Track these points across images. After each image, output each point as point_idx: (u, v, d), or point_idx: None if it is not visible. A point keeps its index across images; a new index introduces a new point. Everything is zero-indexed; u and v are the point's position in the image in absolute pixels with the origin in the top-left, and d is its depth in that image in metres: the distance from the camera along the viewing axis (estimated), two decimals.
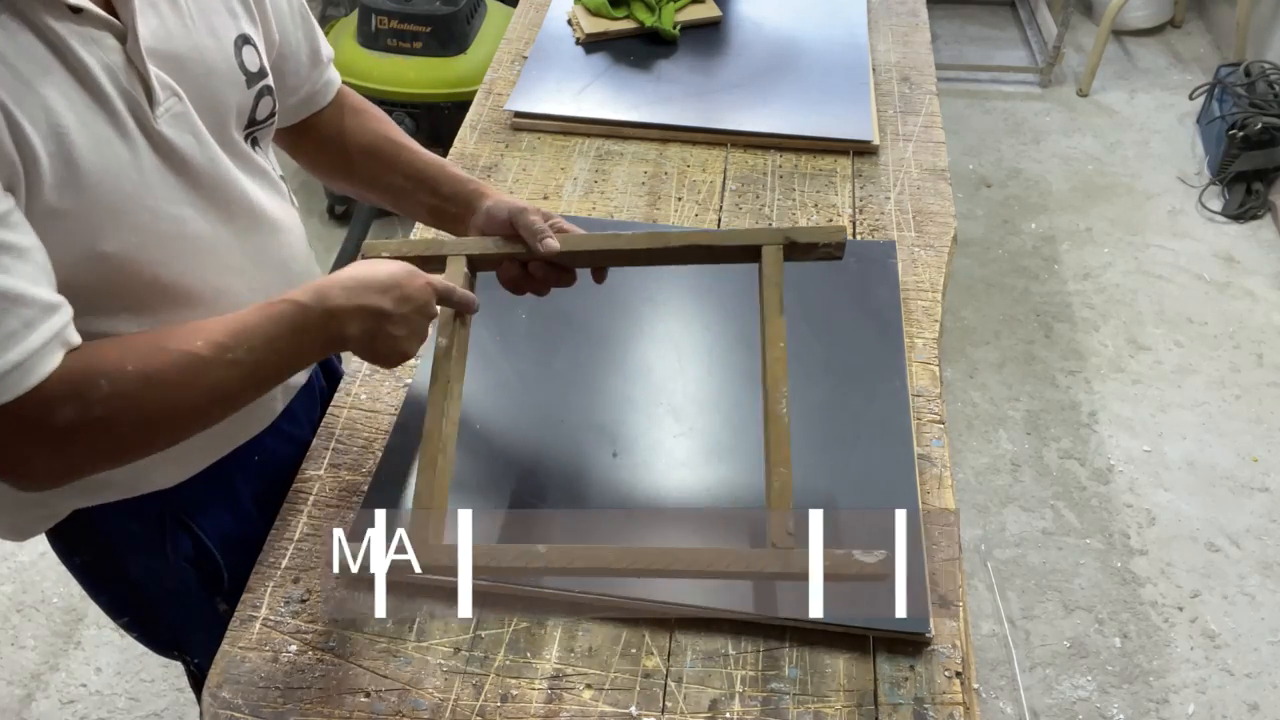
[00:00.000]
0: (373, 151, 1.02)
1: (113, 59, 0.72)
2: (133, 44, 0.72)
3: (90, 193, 0.71)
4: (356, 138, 1.02)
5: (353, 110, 1.03)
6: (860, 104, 1.47)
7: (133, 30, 0.72)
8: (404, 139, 1.03)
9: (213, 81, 0.81)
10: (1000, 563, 1.95)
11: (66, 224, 0.71)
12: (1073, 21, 3.42)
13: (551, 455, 1.00)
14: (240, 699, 0.83)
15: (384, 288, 0.81)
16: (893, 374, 1.07)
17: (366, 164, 1.02)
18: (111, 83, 0.72)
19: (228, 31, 0.82)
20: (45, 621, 1.84)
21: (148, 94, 0.74)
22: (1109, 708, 1.73)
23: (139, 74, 0.73)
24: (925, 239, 1.27)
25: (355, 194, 1.08)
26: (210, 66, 0.80)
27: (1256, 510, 2.04)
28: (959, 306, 2.49)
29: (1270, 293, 2.53)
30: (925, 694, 0.83)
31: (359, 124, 1.03)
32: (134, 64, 0.73)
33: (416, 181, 1.01)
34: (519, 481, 0.97)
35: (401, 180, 1.01)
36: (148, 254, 0.78)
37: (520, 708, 0.82)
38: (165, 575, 1.00)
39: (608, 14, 1.62)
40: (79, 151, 0.70)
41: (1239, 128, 2.70)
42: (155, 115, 0.75)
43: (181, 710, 1.72)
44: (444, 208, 1.00)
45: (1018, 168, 2.95)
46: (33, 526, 0.94)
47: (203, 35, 0.80)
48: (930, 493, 0.97)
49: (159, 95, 0.75)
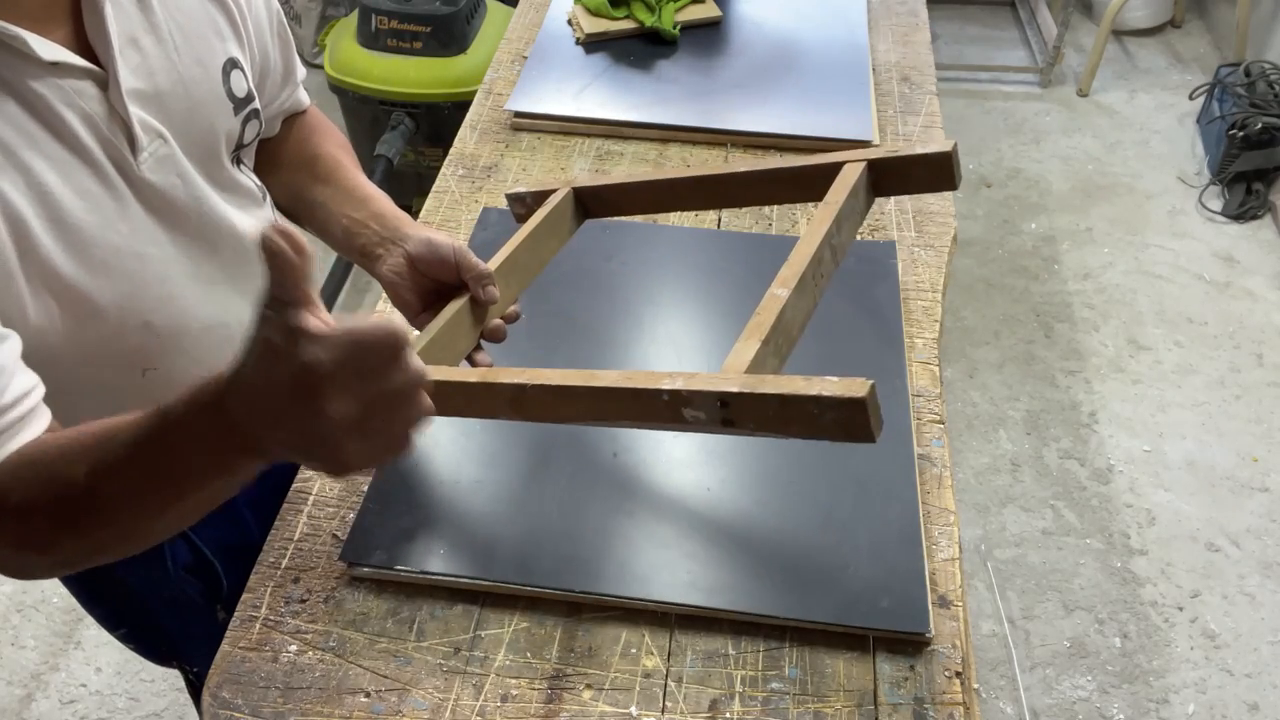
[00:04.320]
0: (311, 163, 0.95)
1: (93, 108, 0.69)
2: (114, 90, 0.70)
3: (84, 250, 0.70)
4: (301, 149, 0.96)
5: (313, 127, 0.98)
6: (860, 104, 1.47)
7: (114, 76, 0.70)
8: (350, 159, 0.96)
9: (199, 114, 0.78)
10: (1000, 563, 1.95)
11: (65, 284, 0.70)
12: (1073, 21, 3.42)
13: (551, 455, 1.00)
14: (240, 699, 0.83)
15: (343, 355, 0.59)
16: (893, 374, 1.07)
17: (296, 175, 0.95)
18: (93, 135, 0.70)
19: (215, 58, 0.79)
20: (45, 621, 1.84)
21: (130, 141, 0.72)
22: (1109, 708, 1.73)
23: (121, 120, 0.71)
24: (925, 239, 1.27)
25: (281, 198, 0.97)
26: (196, 100, 0.77)
27: (1256, 510, 2.04)
28: (959, 306, 2.49)
29: (1270, 293, 2.53)
30: (925, 694, 0.83)
31: (313, 139, 0.97)
32: (116, 111, 0.71)
33: (344, 197, 0.91)
34: (519, 481, 0.97)
35: (328, 193, 0.92)
36: (138, 302, 0.77)
37: (520, 708, 0.82)
38: (164, 585, 1.00)
39: (608, 14, 1.62)
40: (66, 211, 0.68)
41: (1239, 128, 2.70)
42: (139, 162, 0.73)
43: (181, 710, 1.72)
44: (365, 228, 0.88)
45: (1018, 168, 2.95)
46: None
47: (189, 66, 0.77)
48: (930, 493, 0.97)
49: (142, 141, 0.73)
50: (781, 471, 0.97)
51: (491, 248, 1.23)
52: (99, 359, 0.77)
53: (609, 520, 0.93)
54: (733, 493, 0.96)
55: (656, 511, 0.94)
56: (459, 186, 1.36)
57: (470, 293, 0.84)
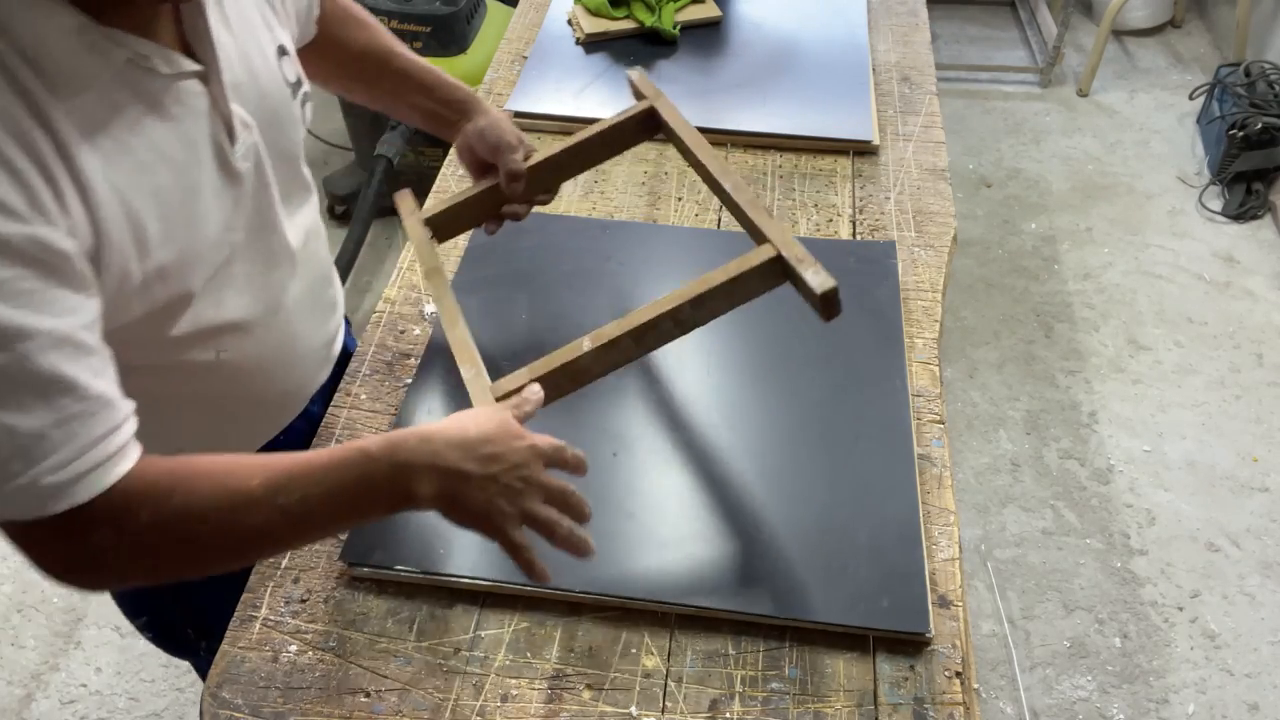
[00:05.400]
0: (364, 57, 1.04)
1: (200, 105, 0.73)
2: (215, 85, 0.73)
3: (187, 243, 0.73)
4: (349, 47, 1.03)
5: (341, 20, 1.04)
6: (860, 104, 1.47)
7: (216, 73, 0.73)
8: (395, 45, 1.05)
9: (268, 101, 0.81)
10: (1000, 563, 1.95)
11: (169, 277, 0.72)
12: (1073, 21, 3.43)
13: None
14: (240, 699, 0.83)
15: (468, 445, 0.71)
16: (893, 374, 1.07)
17: (361, 69, 1.05)
18: (201, 130, 0.73)
19: (269, 45, 0.82)
20: (45, 621, 1.84)
21: (229, 132, 0.76)
22: (1109, 708, 1.73)
23: (221, 114, 0.75)
24: (925, 239, 1.27)
25: (358, 99, 1.10)
26: (265, 89, 0.81)
27: (1256, 510, 2.04)
28: (959, 306, 2.49)
29: (1270, 293, 2.53)
30: (925, 694, 0.83)
31: (349, 34, 1.04)
32: (218, 105, 0.74)
33: (409, 85, 1.05)
34: None
35: (394, 84, 1.05)
36: (218, 291, 0.80)
37: (520, 708, 0.82)
38: None
39: (608, 14, 1.62)
40: (176, 208, 0.71)
41: (1239, 128, 2.70)
42: (234, 152, 0.76)
43: (181, 710, 1.72)
44: (438, 112, 1.05)
45: (1018, 168, 2.95)
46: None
47: (255, 55, 0.80)
48: (930, 493, 0.97)
49: (238, 131, 0.76)
50: (782, 472, 0.97)
51: (491, 247, 1.23)
52: (187, 342, 0.80)
53: (609, 520, 0.93)
54: (733, 493, 0.96)
55: (656, 511, 0.94)
56: (459, 186, 1.36)
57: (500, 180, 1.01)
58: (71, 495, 0.62)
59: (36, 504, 0.62)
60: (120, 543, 0.65)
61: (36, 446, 0.60)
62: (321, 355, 1.02)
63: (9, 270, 0.58)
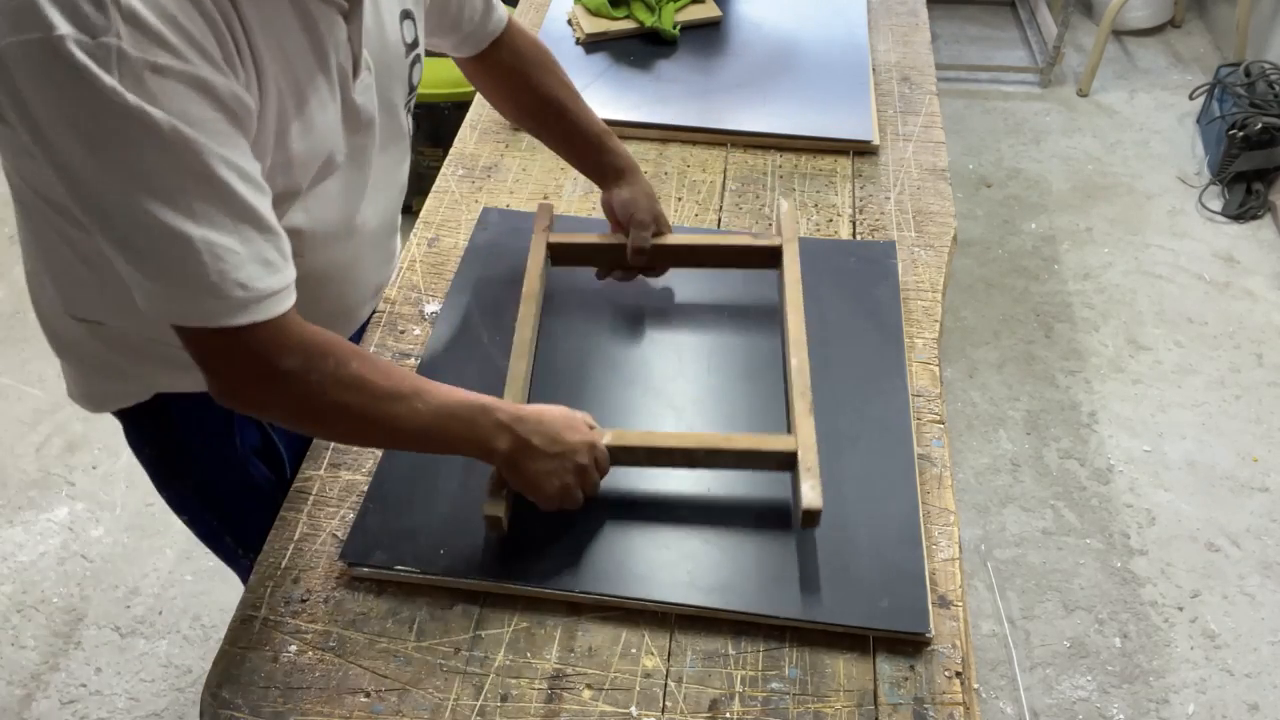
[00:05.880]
0: (546, 104, 1.15)
1: (339, 35, 0.83)
2: (355, 25, 0.84)
3: (309, 144, 0.82)
4: (536, 90, 1.14)
5: (534, 62, 1.14)
6: (860, 104, 1.47)
7: (358, 14, 0.84)
8: (573, 98, 1.16)
9: (387, 53, 0.92)
10: (1000, 563, 1.95)
11: (289, 172, 0.82)
12: (1073, 21, 3.42)
13: None
14: (240, 699, 0.83)
15: (543, 426, 0.87)
16: (893, 374, 1.07)
17: (539, 112, 1.16)
18: (335, 54, 0.83)
19: (396, 6, 0.93)
20: (45, 621, 1.84)
21: (355, 67, 0.86)
22: (1109, 708, 1.73)
23: (351, 50, 0.85)
24: (925, 239, 1.27)
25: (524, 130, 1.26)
26: (387, 40, 0.92)
27: (1256, 510, 2.04)
28: (959, 306, 2.49)
29: (1270, 293, 2.53)
30: (925, 694, 0.83)
31: (538, 78, 1.14)
32: (352, 42, 0.85)
33: (577, 139, 1.16)
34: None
35: (565, 133, 1.16)
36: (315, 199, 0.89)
37: (520, 708, 0.82)
38: (233, 466, 1.11)
39: (608, 14, 1.62)
40: (310, 108, 0.81)
41: (1239, 128, 2.70)
42: (355, 86, 0.87)
43: (182, 710, 1.72)
44: (594, 169, 1.17)
45: (1018, 168, 2.95)
46: (112, 401, 1.02)
47: (384, 12, 0.91)
48: (930, 493, 0.97)
49: (361, 70, 0.87)
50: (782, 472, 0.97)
51: (491, 248, 1.23)
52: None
53: (609, 520, 0.93)
54: (733, 493, 0.96)
55: (656, 511, 0.94)
56: (459, 186, 1.36)
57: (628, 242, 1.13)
58: (257, 310, 0.72)
59: (225, 312, 0.71)
60: (301, 377, 0.76)
61: (230, 258, 0.70)
62: (369, 293, 1.10)
63: (212, 112, 0.68)
